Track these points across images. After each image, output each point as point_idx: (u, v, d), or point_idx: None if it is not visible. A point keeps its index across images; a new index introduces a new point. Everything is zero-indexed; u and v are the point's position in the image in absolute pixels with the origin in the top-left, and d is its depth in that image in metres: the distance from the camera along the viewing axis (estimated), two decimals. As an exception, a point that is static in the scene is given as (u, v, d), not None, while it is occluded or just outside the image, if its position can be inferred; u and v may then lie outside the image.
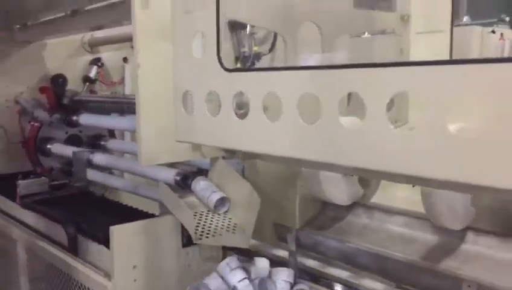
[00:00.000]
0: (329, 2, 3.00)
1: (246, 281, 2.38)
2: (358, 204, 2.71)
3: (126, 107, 3.61)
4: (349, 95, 1.51)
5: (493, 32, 5.35)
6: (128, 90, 4.98)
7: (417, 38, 3.09)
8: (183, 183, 2.98)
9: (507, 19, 5.87)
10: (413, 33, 3.10)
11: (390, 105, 1.41)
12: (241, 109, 1.91)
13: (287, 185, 2.78)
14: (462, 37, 5.40)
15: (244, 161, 2.88)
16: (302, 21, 2.69)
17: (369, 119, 1.39)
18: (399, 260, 2.29)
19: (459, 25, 6.39)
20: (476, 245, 2.19)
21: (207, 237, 2.59)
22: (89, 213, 3.28)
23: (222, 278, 2.42)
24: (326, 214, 2.79)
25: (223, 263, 2.47)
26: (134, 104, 2.44)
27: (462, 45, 5.32)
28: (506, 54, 5.58)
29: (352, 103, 1.63)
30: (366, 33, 3.97)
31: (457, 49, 5.43)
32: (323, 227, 2.71)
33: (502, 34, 5.49)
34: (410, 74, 1.31)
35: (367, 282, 2.43)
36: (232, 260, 2.47)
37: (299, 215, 2.76)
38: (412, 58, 3.09)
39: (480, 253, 2.15)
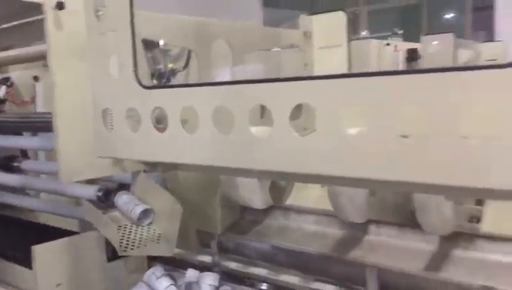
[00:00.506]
0: (239, 21, 3.22)
1: (173, 287, 2.49)
2: (275, 207, 2.91)
3: (39, 126, 3.56)
4: (263, 107, 1.69)
5: (388, 44, 5.86)
6: (39, 109, 4.88)
7: (320, 53, 3.39)
8: (106, 199, 3.02)
9: (400, 32, 6.44)
10: (316, 48, 3.39)
11: (298, 114, 1.62)
12: (161, 123, 2.04)
13: (208, 193, 2.92)
14: (361, 50, 5.87)
15: (165, 173, 2.99)
16: (214, 39, 2.87)
17: (276, 127, 1.58)
18: (313, 254, 2.51)
19: (358, 39, 6.93)
20: (378, 235, 2.47)
21: (132, 249, 2.67)
22: (6, 235, 3.21)
23: (149, 286, 2.51)
24: (246, 218, 2.97)
25: (149, 272, 2.56)
26: (47, 122, 2.48)
27: (362, 56, 5.78)
28: (400, 64, 6.14)
29: (266, 114, 1.81)
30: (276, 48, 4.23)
31: (358, 61, 5.89)
32: (244, 231, 2.88)
33: (395, 46, 6.04)
34: (309, 87, 1.52)
35: (286, 277, 2.62)
36: (157, 269, 2.58)
37: (221, 221, 2.91)
38: (316, 71, 3.38)
39: (381, 242, 2.43)
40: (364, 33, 6.59)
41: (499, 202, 2.16)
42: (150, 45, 3.05)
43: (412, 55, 6.10)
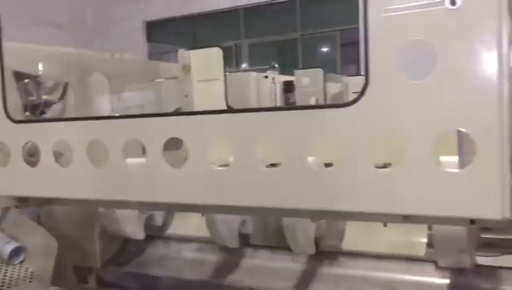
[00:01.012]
0: (117, 54, 3.26)
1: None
2: (157, 237, 2.95)
3: None
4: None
5: (266, 77, 6.22)
6: None
7: (199, 85, 3.54)
8: (-29, 238, 2.83)
9: (276, 65, 6.85)
10: (195, 81, 3.54)
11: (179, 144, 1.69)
12: (33, 156, 2.01)
13: (86, 227, 2.87)
14: (242, 82, 6.17)
15: (39, 208, 2.89)
16: (91, 71, 2.87)
17: (149, 159, 1.66)
18: (193, 281, 2.58)
19: (238, 71, 7.25)
20: (253, 259, 2.62)
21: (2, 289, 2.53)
22: None
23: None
24: (127, 250, 2.95)
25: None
26: None
27: (242, 88, 6.07)
28: (278, 95, 6.54)
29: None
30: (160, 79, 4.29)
31: (239, 92, 6.14)
32: (124, 263, 2.87)
33: (273, 78, 6.43)
34: (179, 122, 1.63)
35: (166, 307, 2.65)
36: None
37: (100, 254, 2.87)
38: (196, 102, 3.52)
39: (256, 265, 2.57)
40: (244, 65, 6.90)
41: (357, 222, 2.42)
42: (21, 76, 2.97)
43: (288, 87, 6.55)
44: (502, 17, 1.19)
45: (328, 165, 1.40)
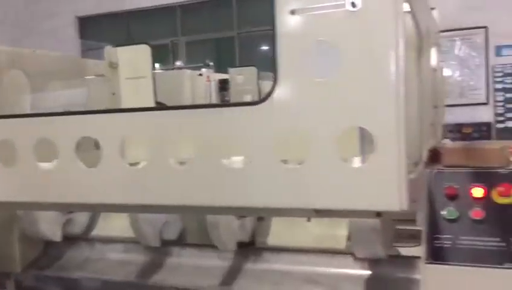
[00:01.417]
0: (37, 50, 3.13)
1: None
2: (81, 239, 2.87)
3: None
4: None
5: (200, 74, 6.19)
6: None
7: (126, 83, 3.47)
8: None
9: (211, 63, 6.83)
10: (123, 78, 3.46)
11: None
12: None
13: (4, 230, 2.75)
14: (176, 80, 6.11)
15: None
16: (8, 68, 2.75)
17: (61, 159, 1.61)
18: (117, 282, 2.53)
19: (173, 69, 7.16)
20: (180, 257, 2.61)
21: None
22: None
23: None
24: (48, 253, 2.86)
25: None
26: None
27: (177, 86, 6.01)
28: (213, 93, 6.53)
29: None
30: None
31: (173, 90, 6.06)
32: (46, 266, 2.77)
33: (208, 77, 6.41)
34: (91, 121, 1.60)
35: (90, 310, 2.58)
36: None
37: (20, 258, 2.75)
38: (124, 100, 3.45)
39: (182, 263, 2.57)
40: (178, 63, 6.84)
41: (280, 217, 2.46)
42: None
43: (223, 85, 6.55)
44: (399, 18, 1.25)
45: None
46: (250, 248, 2.52)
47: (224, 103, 1.62)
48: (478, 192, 1.62)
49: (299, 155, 1.37)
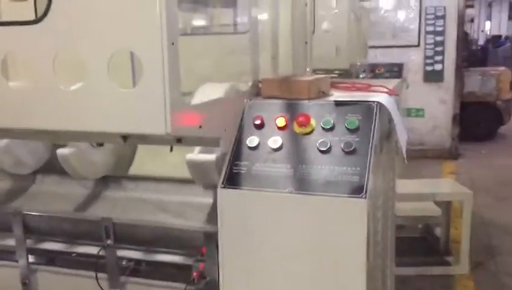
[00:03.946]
0: None
1: None
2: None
3: None
4: None
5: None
6: None
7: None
8: None
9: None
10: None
11: None
12: None
13: None
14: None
15: None
16: None
17: None
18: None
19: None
20: (42, 185, 2.61)
21: None
22: None
23: None
24: None
25: None
26: None
27: None
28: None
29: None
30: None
31: None
32: None
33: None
34: None
35: None
36: None
37: None
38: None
39: (42, 190, 2.58)
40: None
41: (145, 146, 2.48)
42: None
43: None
44: None
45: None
46: (111, 177, 2.54)
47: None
48: (281, 121, 1.67)
49: (77, 78, 1.36)
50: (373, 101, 1.64)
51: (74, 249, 2.30)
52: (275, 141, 1.62)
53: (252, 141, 1.64)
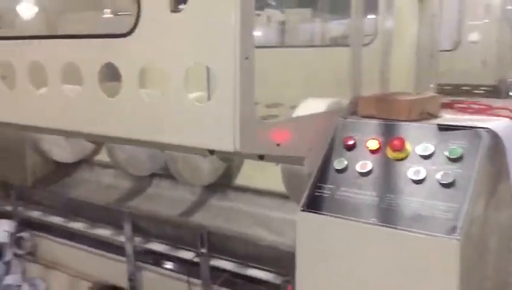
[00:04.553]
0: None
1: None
2: (84, 161, 3.13)
3: None
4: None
5: (258, 15, 6.09)
6: None
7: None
8: None
9: (273, 3, 6.69)
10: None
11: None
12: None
13: (17, 148, 3.06)
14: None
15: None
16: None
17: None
18: (94, 204, 2.75)
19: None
20: (157, 187, 2.76)
21: None
22: None
23: None
24: (57, 172, 3.15)
25: None
26: None
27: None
28: (272, 35, 6.44)
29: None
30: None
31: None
32: (51, 183, 3.08)
33: (268, 17, 6.30)
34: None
35: (75, 224, 2.82)
36: None
37: (31, 174, 3.07)
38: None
39: (157, 193, 2.72)
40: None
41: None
42: None
43: (282, 26, 6.42)
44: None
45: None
46: (218, 185, 2.59)
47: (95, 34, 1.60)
48: (373, 144, 1.51)
49: (158, 89, 1.38)
50: (483, 128, 1.40)
51: (175, 253, 2.38)
52: (364, 164, 1.47)
53: (340, 163, 1.51)
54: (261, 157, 1.50)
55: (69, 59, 1.54)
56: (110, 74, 1.43)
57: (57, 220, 2.88)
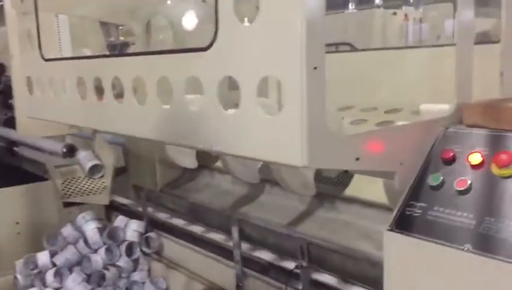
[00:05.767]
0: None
1: (96, 230, 2.96)
2: (206, 167, 3.27)
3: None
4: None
5: (394, 14, 5.82)
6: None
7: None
8: (69, 154, 3.54)
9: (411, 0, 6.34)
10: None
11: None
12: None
13: (149, 157, 3.31)
14: (364, 20, 5.91)
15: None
16: (152, 15, 3.20)
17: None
18: (210, 208, 2.86)
19: (371, 8, 6.86)
20: (268, 194, 2.77)
21: (75, 196, 3.19)
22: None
23: (77, 228, 3.00)
24: (182, 177, 3.35)
25: (79, 217, 3.04)
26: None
27: (365, 26, 5.83)
28: (410, 33, 6.09)
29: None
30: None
31: (362, 30, 5.90)
32: (176, 187, 3.28)
33: (405, 15, 5.98)
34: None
35: (195, 228, 2.96)
36: (87, 214, 3.06)
37: (160, 179, 3.31)
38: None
39: (267, 200, 2.73)
40: (377, 1, 6.47)
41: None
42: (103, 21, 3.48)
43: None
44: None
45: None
46: (327, 195, 2.50)
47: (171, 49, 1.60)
48: (475, 158, 1.30)
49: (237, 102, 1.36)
50: None
51: (278, 262, 2.36)
52: (463, 181, 1.29)
53: (435, 178, 1.34)
54: (345, 171, 1.40)
55: (162, 73, 1.61)
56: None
57: (179, 222, 3.06)
